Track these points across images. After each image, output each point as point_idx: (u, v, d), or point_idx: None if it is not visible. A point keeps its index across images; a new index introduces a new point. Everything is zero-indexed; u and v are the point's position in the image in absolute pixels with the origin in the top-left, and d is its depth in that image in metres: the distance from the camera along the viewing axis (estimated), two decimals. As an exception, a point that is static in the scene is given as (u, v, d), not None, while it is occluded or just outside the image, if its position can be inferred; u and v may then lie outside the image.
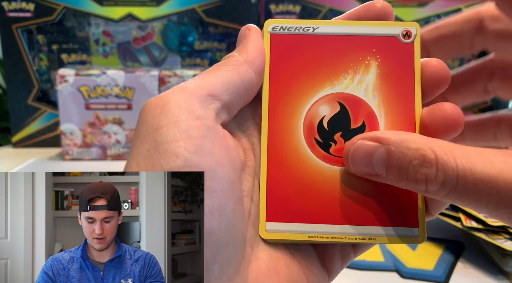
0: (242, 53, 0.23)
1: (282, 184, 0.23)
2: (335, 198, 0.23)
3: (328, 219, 0.23)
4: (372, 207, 0.23)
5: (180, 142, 0.19)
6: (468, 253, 0.49)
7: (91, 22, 0.88)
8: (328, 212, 0.23)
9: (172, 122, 0.20)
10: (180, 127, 0.20)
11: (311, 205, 0.23)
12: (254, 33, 0.24)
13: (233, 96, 0.22)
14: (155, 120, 0.20)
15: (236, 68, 0.22)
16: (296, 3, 0.84)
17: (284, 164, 0.23)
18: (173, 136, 0.20)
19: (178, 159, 0.19)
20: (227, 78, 0.22)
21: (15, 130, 0.87)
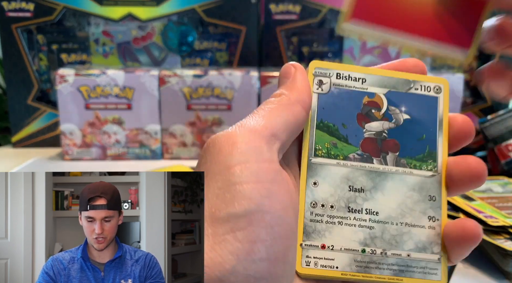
0: (293, 92, 0.24)
1: None
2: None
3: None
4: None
5: (252, 184, 0.20)
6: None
7: (91, 22, 0.88)
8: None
9: (243, 162, 0.21)
10: (251, 169, 0.21)
11: None
12: (300, 72, 0.25)
13: (289, 135, 0.23)
14: (227, 159, 0.21)
15: (290, 108, 0.23)
16: (296, 3, 0.84)
17: None
18: (246, 177, 0.20)
19: (250, 201, 0.20)
20: (284, 118, 0.23)
21: (15, 130, 0.87)
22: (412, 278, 0.24)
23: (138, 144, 0.80)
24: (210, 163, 0.21)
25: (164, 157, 0.81)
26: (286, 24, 0.86)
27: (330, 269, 0.24)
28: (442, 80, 0.27)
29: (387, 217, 0.25)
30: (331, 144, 0.25)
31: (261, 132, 0.22)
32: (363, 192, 0.25)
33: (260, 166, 0.21)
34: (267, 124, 0.22)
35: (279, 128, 0.22)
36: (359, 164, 0.25)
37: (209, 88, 0.78)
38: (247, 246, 0.19)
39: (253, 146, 0.21)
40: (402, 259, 0.24)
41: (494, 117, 0.67)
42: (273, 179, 0.21)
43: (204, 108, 0.79)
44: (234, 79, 0.78)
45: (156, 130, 0.80)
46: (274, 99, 0.24)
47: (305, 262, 0.24)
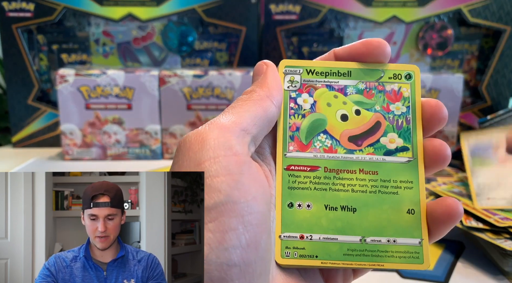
0: (263, 88, 0.25)
1: None
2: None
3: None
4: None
5: (221, 177, 0.21)
6: (468, 253, 0.49)
7: (91, 22, 0.88)
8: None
9: (212, 157, 0.21)
10: (220, 163, 0.21)
11: None
12: (271, 69, 0.26)
13: (259, 129, 0.24)
14: (197, 156, 0.21)
15: (260, 103, 0.24)
16: (296, 3, 0.84)
17: None
18: (215, 171, 0.21)
19: (220, 193, 0.21)
20: (254, 112, 0.24)
21: (15, 130, 0.87)
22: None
23: (138, 143, 0.80)
24: (182, 161, 0.22)
25: (164, 157, 0.81)
26: (286, 24, 0.86)
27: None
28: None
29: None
30: None
31: (230, 127, 0.22)
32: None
33: (229, 159, 0.21)
34: (236, 120, 0.23)
35: (249, 123, 0.23)
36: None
37: (209, 88, 0.78)
38: (218, 236, 0.20)
39: (222, 141, 0.22)
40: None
41: (494, 117, 0.67)
42: (242, 170, 0.22)
43: (204, 108, 0.79)
44: (234, 79, 0.78)
45: (156, 130, 0.80)
46: (245, 96, 0.25)
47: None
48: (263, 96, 0.24)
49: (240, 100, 0.24)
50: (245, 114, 0.23)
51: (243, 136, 0.23)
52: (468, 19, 0.84)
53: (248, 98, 0.24)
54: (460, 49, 0.88)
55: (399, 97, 0.27)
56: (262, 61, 0.26)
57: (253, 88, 0.25)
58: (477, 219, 0.48)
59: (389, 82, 0.27)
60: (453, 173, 0.69)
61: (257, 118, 0.24)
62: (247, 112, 0.23)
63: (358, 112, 0.26)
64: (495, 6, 0.83)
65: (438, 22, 0.87)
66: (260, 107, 0.24)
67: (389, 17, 0.85)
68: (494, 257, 0.46)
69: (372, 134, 0.26)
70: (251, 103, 0.24)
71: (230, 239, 0.20)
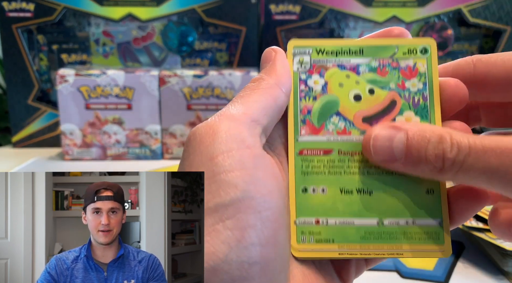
0: (272, 75, 0.24)
1: None
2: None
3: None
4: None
5: (236, 172, 0.20)
6: (468, 253, 0.49)
7: (91, 22, 0.88)
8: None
9: (225, 151, 0.21)
10: (234, 157, 0.20)
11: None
12: (280, 55, 0.25)
13: (269, 119, 0.23)
14: (209, 150, 0.21)
15: (269, 92, 0.23)
16: (296, 3, 0.84)
17: None
18: (229, 166, 0.20)
19: (236, 189, 0.20)
20: (264, 102, 0.23)
21: (15, 130, 0.87)
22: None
23: (138, 143, 0.80)
24: (193, 155, 0.21)
25: (164, 157, 0.81)
26: (286, 24, 0.86)
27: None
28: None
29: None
30: None
31: (241, 119, 0.22)
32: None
33: (242, 153, 0.21)
34: (246, 110, 0.22)
35: (259, 113, 0.22)
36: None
37: (209, 89, 0.78)
38: (237, 233, 0.19)
39: (233, 133, 0.21)
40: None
41: (494, 117, 0.67)
42: (257, 164, 0.21)
43: (204, 108, 0.79)
44: (234, 80, 0.78)
45: (156, 130, 0.80)
46: (253, 84, 0.24)
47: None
48: (272, 84, 0.23)
49: (248, 88, 0.23)
50: (254, 104, 0.22)
51: (254, 127, 0.22)
52: (468, 19, 0.84)
53: (257, 86, 0.23)
54: (460, 49, 0.89)
55: (415, 73, 0.25)
56: (270, 48, 0.25)
57: (262, 76, 0.24)
58: (477, 219, 0.48)
59: (404, 58, 0.25)
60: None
61: (267, 108, 0.23)
62: (256, 102, 0.23)
63: (372, 91, 0.25)
64: (495, 6, 0.83)
65: (438, 22, 0.87)
66: (269, 96, 0.23)
67: (389, 17, 0.85)
68: (494, 257, 0.46)
69: (388, 113, 0.25)
70: (260, 92, 0.23)
71: (249, 237, 0.19)
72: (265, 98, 0.23)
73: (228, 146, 0.21)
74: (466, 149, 0.20)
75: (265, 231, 0.20)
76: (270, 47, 0.25)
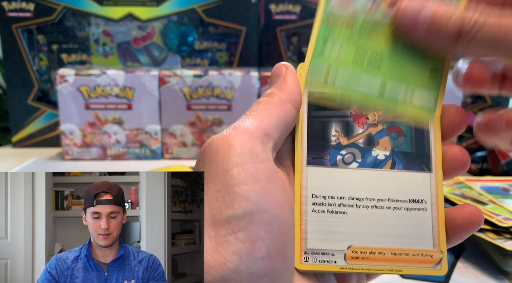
0: (284, 91, 0.25)
1: None
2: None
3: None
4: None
5: (250, 185, 0.21)
6: (468, 253, 0.49)
7: (91, 22, 0.88)
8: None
9: (240, 164, 0.21)
10: (248, 171, 0.21)
11: None
12: (291, 71, 0.26)
13: (281, 134, 0.24)
14: (224, 162, 0.21)
15: (281, 107, 0.24)
16: (296, 3, 0.84)
17: None
18: (243, 179, 0.21)
19: (249, 202, 0.21)
20: (276, 117, 0.24)
21: (15, 130, 0.87)
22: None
23: (138, 143, 0.80)
24: (208, 166, 0.22)
25: (164, 157, 0.81)
26: (286, 24, 0.86)
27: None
28: None
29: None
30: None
31: (254, 133, 0.22)
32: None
33: (256, 167, 0.21)
34: (260, 124, 0.23)
35: (271, 128, 0.23)
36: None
37: (209, 88, 0.78)
38: (248, 246, 0.20)
39: (248, 147, 0.22)
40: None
41: (494, 117, 0.67)
42: (269, 178, 0.22)
43: (204, 108, 0.79)
44: (234, 79, 0.78)
45: (156, 130, 0.80)
46: (266, 99, 0.24)
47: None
48: (283, 100, 0.24)
49: (261, 103, 0.24)
50: (267, 119, 0.23)
51: (267, 141, 0.23)
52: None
53: (269, 101, 0.24)
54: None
55: None
56: (281, 64, 0.26)
57: (273, 91, 0.25)
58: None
59: None
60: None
61: (279, 122, 0.23)
62: (269, 117, 0.23)
63: None
64: (495, 6, 0.83)
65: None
66: (281, 111, 0.24)
67: (389, 17, 0.85)
68: (494, 257, 0.46)
69: None
70: (272, 107, 0.24)
71: (259, 249, 0.20)
72: (277, 113, 0.24)
73: (242, 159, 0.21)
74: (483, 20, 0.23)
75: (274, 244, 0.21)
76: (280, 63, 0.26)
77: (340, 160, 0.25)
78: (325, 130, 0.26)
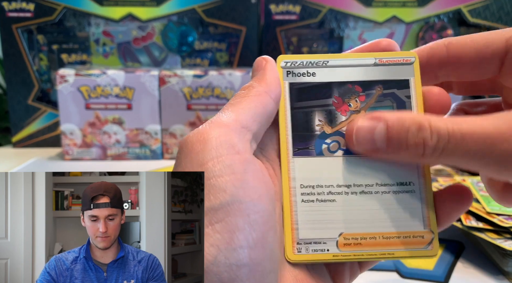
0: (262, 83, 0.25)
1: None
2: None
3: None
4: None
5: (225, 177, 0.21)
6: (468, 253, 0.49)
7: (91, 22, 0.88)
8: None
9: (215, 157, 0.21)
10: (224, 162, 0.21)
11: None
12: (270, 64, 0.26)
13: (259, 125, 0.24)
14: (199, 156, 0.21)
15: (259, 99, 0.24)
16: (296, 3, 0.84)
17: None
18: (219, 171, 0.21)
19: (225, 193, 0.21)
20: (253, 109, 0.23)
21: (15, 130, 0.87)
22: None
23: (138, 144, 0.80)
24: (184, 162, 0.22)
25: (164, 157, 0.81)
26: (286, 24, 0.86)
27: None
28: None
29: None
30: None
31: (231, 125, 0.22)
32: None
33: (232, 158, 0.21)
34: (236, 117, 0.23)
35: (248, 120, 0.23)
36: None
37: (209, 89, 0.78)
38: (226, 236, 0.20)
39: (223, 139, 0.22)
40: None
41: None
42: (246, 169, 0.22)
43: (204, 108, 0.79)
44: (234, 80, 0.78)
45: (156, 130, 0.80)
46: (243, 92, 0.24)
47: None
48: (261, 92, 0.24)
49: (238, 96, 0.24)
50: (244, 111, 0.23)
51: (244, 133, 0.23)
52: (468, 19, 0.84)
53: (246, 94, 0.24)
54: (460, 49, 0.89)
55: None
56: (261, 57, 0.26)
57: (251, 84, 0.25)
58: (477, 219, 0.48)
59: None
60: (453, 174, 0.69)
61: (257, 114, 0.23)
62: (246, 109, 0.23)
63: None
64: (495, 6, 0.83)
65: (438, 22, 0.87)
66: (259, 103, 0.24)
67: (389, 17, 0.85)
68: (494, 257, 0.46)
69: None
70: (249, 99, 0.24)
71: (238, 239, 0.20)
72: (254, 105, 0.23)
73: (218, 152, 0.21)
74: (445, 137, 0.21)
75: (253, 233, 0.21)
76: (261, 56, 0.26)
77: (325, 148, 0.26)
78: (309, 120, 0.26)
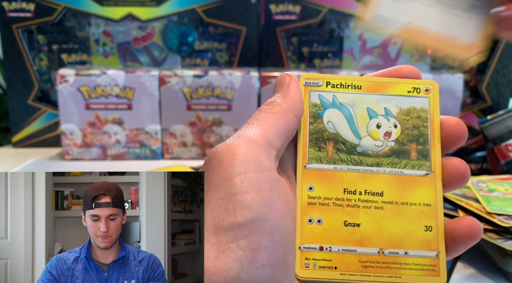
0: (286, 100, 0.25)
1: None
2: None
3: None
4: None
5: (252, 194, 0.21)
6: (468, 253, 0.49)
7: (91, 22, 0.88)
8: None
9: (243, 173, 0.22)
10: (251, 179, 0.22)
11: None
12: (294, 81, 0.26)
13: (283, 142, 0.24)
14: (227, 171, 0.22)
15: (283, 116, 0.24)
16: (296, 3, 0.84)
17: None
18: (246, 188, 0.21)
19: (252, 210, 0.21)
20: (278, 126, 0.24)
21: (15, 130, 0.87)
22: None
23: (138, 143, 0.80)
24: (211, 175, 0.22)
25: (164, 157, 0.81)
26: (286, 25, 0.86)
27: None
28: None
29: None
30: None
31: (258, 142, 0.23)
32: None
33: (259, 176, 0.22)
34: (263, 133, 0.23)
35: (274, 137, 0.23)
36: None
37: (209, 89, 0.78)
38: (249, 254, 0.20)
39: (251, 156, 0.22)
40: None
41: (493, 117, 0.67)
42: (272, 187, 0.22)
43: (204, 108, 0.79)
44: (234, 79, 0.78)
45: (156, 130, 0.80)
46: (268, 107, 0.25)
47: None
48: (285, 109, 0.24)
49: (263, 111, 0.24)
50: (270, 127, 0.23)
51: (270, 150, 0.23)
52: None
53: (271, 110, 0.24)
54: (460, 49, 0.88)
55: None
56: (285, 73, 0.27)
57: (275, 100, 0.25)
58: (477, 219, 0.48)
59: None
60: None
61: (281, 131, 0.24)
62: (272, 126, 0.24)
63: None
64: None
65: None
66: (283, 120, 0.24)
67: (389, 17, 0.85)
68: (494, 257, 0.46)
69: None
70: (274, 116, 0.24)
71: (260, 258, 0.20)
72: (279, 123, 0.24)
73: (245, 168, 0.22)
74: None
75: (276, 253, 0.21)
76: (285, 72, 0.27)
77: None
78: None
